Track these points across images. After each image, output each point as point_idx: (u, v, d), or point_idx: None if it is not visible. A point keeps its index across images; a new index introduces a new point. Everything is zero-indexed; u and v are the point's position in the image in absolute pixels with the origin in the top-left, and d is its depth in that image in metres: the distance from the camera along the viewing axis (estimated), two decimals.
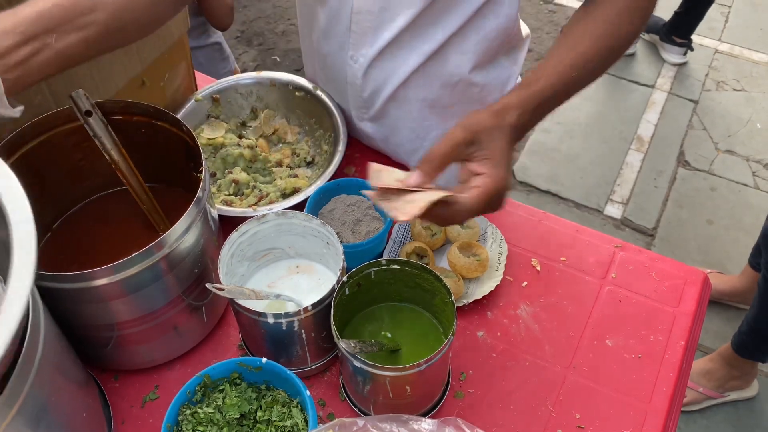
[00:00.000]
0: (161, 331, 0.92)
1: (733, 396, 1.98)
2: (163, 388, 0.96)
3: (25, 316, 0.64)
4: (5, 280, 0.60)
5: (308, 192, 1.06)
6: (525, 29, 1.16)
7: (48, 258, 0.98)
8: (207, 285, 0.81)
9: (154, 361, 0.97)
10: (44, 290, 0.79)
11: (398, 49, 1.05)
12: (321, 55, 1.15)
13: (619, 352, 0.99)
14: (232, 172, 1.14)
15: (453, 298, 0.83)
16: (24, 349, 0.64)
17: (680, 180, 2.61)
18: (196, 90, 1.23)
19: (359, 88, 1.12)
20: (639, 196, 2.56)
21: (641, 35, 3.16)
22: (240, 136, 1.22)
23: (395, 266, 0.88)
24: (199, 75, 1.30)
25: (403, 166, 1.24)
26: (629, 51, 3.13)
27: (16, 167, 0.88)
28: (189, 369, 0.98)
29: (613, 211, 2.51)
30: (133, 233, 1.01)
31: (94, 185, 1.02)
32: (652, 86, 2.98)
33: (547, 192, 2.56)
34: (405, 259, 0.87)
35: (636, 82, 2.99)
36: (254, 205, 1.09)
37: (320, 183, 1.07)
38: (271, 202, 1.08)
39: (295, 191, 1.09)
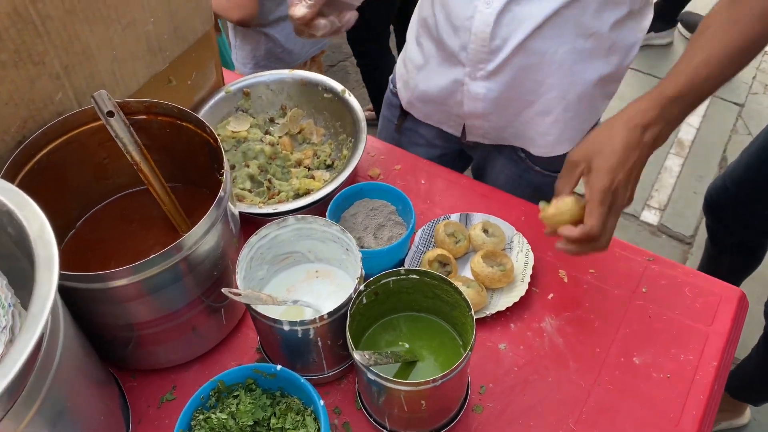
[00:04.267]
0: (180, 332, 0.92)
1: (724, 425, 1.91)
2: (180, 388, 0.96)
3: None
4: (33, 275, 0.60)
5: (320, 194, 1.04)
6: None
7: (70, 255, 0.99)
8: (223, 290, 0.80)
9: (172, 361, 0.97)
10: (64, 290, 0.79)
11: None
12: (443, 6, 1.10)
13: (647, 371, 0.95)
14: (249, 166, 1.13)
15: (473, 311, 0.80)
16: (42, 352, 0.64)
17: None
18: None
19: (487, 36, 1.05)
20: (677, 202, 2.48)
21: (685, 34, 3.07)
22: (266, 132, 1.21)
23: (414, 276, 0.86)
24: (228, 72, 1.29)
25: (415, 158, 1.20)
26: (665, 41, 3.03)
27: (40, 165, 0.90)
28: (206, 371, 0.98)
29: (650, 216, 2.44)
30: (156, 232, 1.01)
31: (118, 184, 1.03)
32: None
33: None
34: (424, 269, 0.85)
35: None
36: (263, 201, 1.08)
37: (331, 187, 1.05)
38: (279, 202, 1.07)
39: (308, 193, 1.08)
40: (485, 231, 1.07)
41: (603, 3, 1.01)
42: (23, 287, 0.68)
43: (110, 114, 0.89)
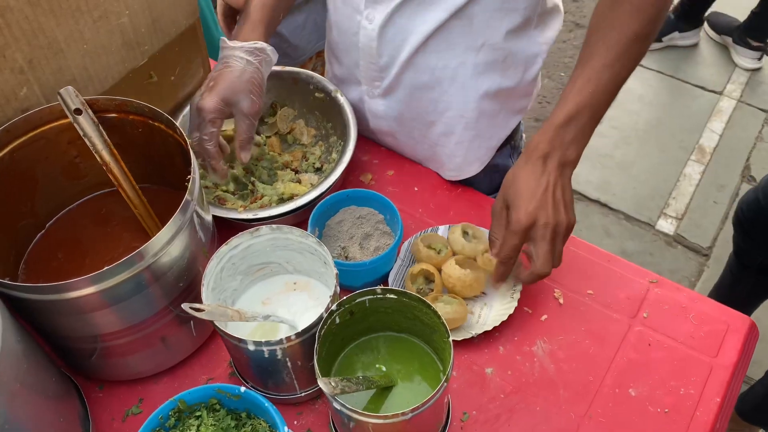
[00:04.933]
0: (147, 344, 0.87)
1: None
2: (147, 401, 0.91)
3: None
4: None
5: (303, 200, 0.98)
6: (557, 3, 1.06)
7: (39, 257, 0.94)
8: (183, 306, 0.75)
9: (140, 373, 0.92)
10: (17, 300, 0.75)
11: (418, 4, 0.96)
12: (334, 24, 1.09)
13: (643, 404, 0.88)
14: (233, 167, 1.07)
15: (451, 338, 0.74)
16: None
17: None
18: None
19: (374, 53, 1.03)
20: (695, 211, 2.38)
21: (712, 35, 2.95)
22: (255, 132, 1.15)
23: (392, 296, 0.80)
24: None
25: (410, 163, 1.16)
26: (690, 42, 2.91)
27: (3, 163, 0.86)
28: (176, 383, 0.93)
29: (666, 226, 2.34)
30: (131, 235, 0.97)
31: (90, 183, 0.98)
32: (720, 93, 2.77)
33: (596, 201, 2.42)
34: (402, 290, 0.79)
35: (702, 88, 2.79)
36: (244, 205, 1.03)
37: (316, 193, 0.99)
38: (262, 207, 1.01)
39: (293, 197, 1.02)
40: (465, 233, 1.01)
41: (492, 11, 0.96)
42: None
43: (78, 111, 0.84)
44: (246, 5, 1.01)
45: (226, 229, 0.99)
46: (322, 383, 0.70)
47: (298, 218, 1.02)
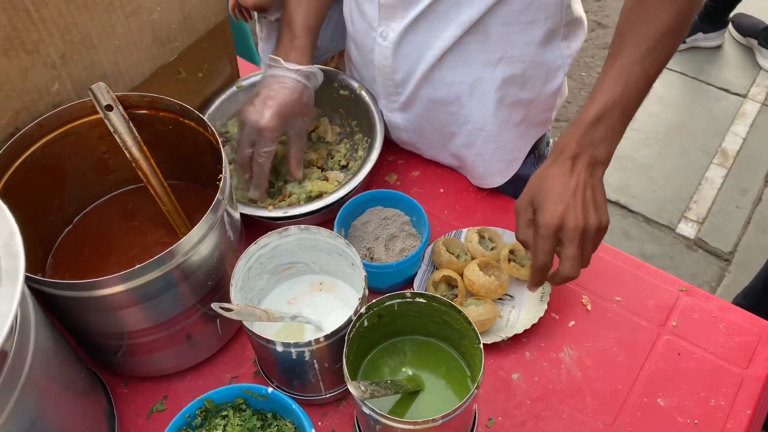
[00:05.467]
0: (173, 341, 0.87)
1: None
2: (171, 398, 0.91)
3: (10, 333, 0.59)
4: None
5: (332, 198, 0.98)
6: (581, 14, 1.04)
7: (66, 252, 0.95)
8: (213, 305, 0.75)
9: (165, 370, 0.92)
10: (48, 296, 0.75)
11: (432, 21, 0.94)
12: (352, 38, 1.08)
13: (672, 415, 0.87)
14: None
15: (481, 344, 0.73)
16: (5, 369, 0.59)
17: (766, 201, 2.39)
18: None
19: (389, 70, 1.02)
20: (717, 215, 2.35)
21: (736, 37, 2.91)
22: None
23: (421, 300, 0.79)
24: (243, 63, 1.24)
25: (436, 164, 1.15)
26: (714, 43, 2.87)
27: (34, 158, 0.86)
28: (200, 381, 0.93)
29: (687, 229, 2.32)
30: (158, 231, 0.97)
31: (119, 179, 0.98)
32: (744, 96, 2.73)
33: (616, 203, 2.39)
34: (432, 294, 0.78)
35: (726, 90, 2.75)
36: (273, 203, 1.02)
37: (344, 191, 0.98)
38: (290, 205, 1.01)
39: (321, 195, 1.02)
40: (481, 237, 1.00)
41: (509, 24, 0.93)
42: None
43: (109, 108, 0.84)
44: (289, 23, 1.03)
45: (251, 228, 0.99)
46: (351, 387, 0.70)
47: (323, 218, 1.02)
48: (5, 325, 0.53)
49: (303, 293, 0.93)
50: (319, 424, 0.88)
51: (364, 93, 1.10)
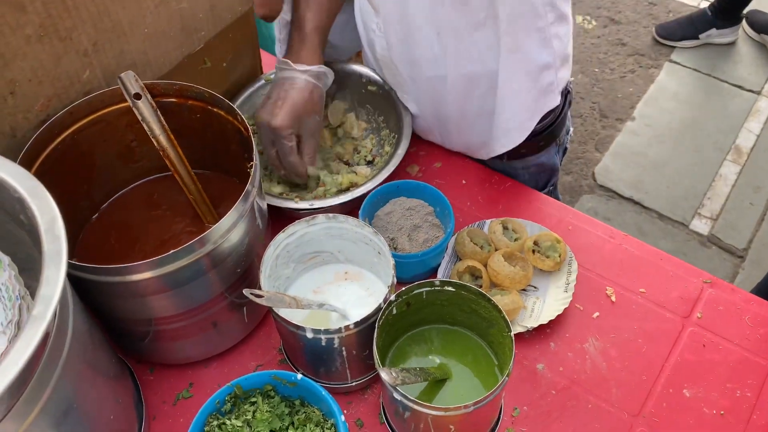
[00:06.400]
0: (200, 329, 0.88)
1: None
2: (197, 386, 0.92)
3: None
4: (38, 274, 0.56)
5: (360, 191, 0.98)
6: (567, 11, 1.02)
7: (93, 238, 0.95)
8: (244, 291, 0.75)
9: (190, 358, 0.93)
10: (80, 280, 0.75)
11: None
12: (360, 37, 1.12)
13: (698, 405, 0.87)
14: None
15: (512, 333, 0.74)
16: (47, 350, 0.60)
17: None
18: (262, 74, 1.17)
19: (389, 61, 1.07)
20: (730, 212, 2.35)
21: (750, 34, 2.90)
22: None
23: (450, 288, 0.79)
24: (267, 57, 1.24)
25: (458, 155, 1.16)
26: (728, 39, 2.85)
27: (65, 145, 0.86)
28: (225, 369, 0.93)
29: (700, 226, 2.31)
30: (184, 220, 0.97)
31: (146, 167, 0.98)
32: (758, 92, 2.72)
33: (629, 199, 2.39)
34: (461, 282, 0.78)
35: (739, 87, 2.74)
36: (300, 195, 1.03)
37: (373, 184, 0.99)
38: (316, 197, 1.01)
39: (351, 187, 1.02)
40: (505, 228, 1.00)
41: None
42: (37, 277, 0.64)
43: (137, 96, 0.84)
44: (299, 24, 1.03)
45: (277, 219, 0.99)
46: (383, 373, 0.70)
47: (346, 209, 1.02)
48: (50, 306, 0.53)
49: (328, 282, 0.93)
50: (345, 412, 0.88)
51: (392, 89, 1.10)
